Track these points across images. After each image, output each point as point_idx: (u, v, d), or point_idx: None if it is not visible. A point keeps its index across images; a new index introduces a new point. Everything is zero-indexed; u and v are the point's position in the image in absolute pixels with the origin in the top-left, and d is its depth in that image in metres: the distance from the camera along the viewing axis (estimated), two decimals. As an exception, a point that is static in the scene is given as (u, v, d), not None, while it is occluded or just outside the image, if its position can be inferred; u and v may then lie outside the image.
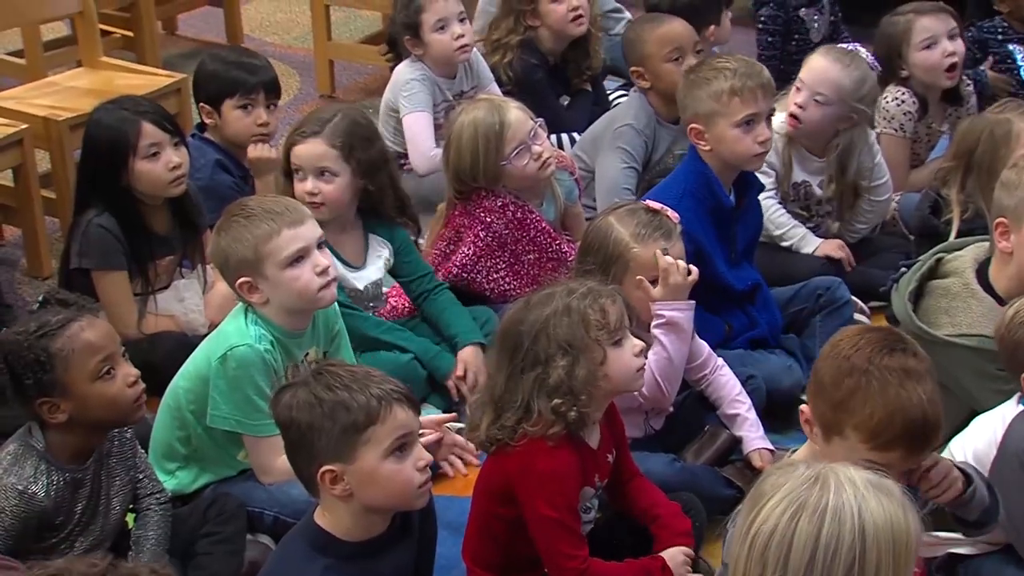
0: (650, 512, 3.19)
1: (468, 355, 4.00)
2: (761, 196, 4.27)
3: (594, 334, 2.97)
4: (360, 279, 4.01)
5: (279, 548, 2.78)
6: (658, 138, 4.68)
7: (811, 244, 4.42)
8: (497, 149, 4.18)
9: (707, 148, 3.88)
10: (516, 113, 4.24)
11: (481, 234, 4.24)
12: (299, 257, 3.34)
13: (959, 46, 4.75)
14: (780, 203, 4.46)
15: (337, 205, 3.94)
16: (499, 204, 4.24)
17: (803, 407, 2.70)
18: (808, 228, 4.49)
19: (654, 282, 3.45)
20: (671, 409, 3.61)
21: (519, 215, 4.26)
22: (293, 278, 3.33)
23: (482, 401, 3.10)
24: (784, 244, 4.40)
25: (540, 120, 4.36)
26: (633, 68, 4.67)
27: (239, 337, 3.34)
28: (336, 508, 2.67)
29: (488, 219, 4.23)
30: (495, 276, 4.28)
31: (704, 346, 3.69)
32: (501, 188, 4.24)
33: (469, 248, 4.26)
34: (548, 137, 4.94)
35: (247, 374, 3.30)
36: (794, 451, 2.83)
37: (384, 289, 4.15)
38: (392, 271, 4.16)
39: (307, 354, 3.48)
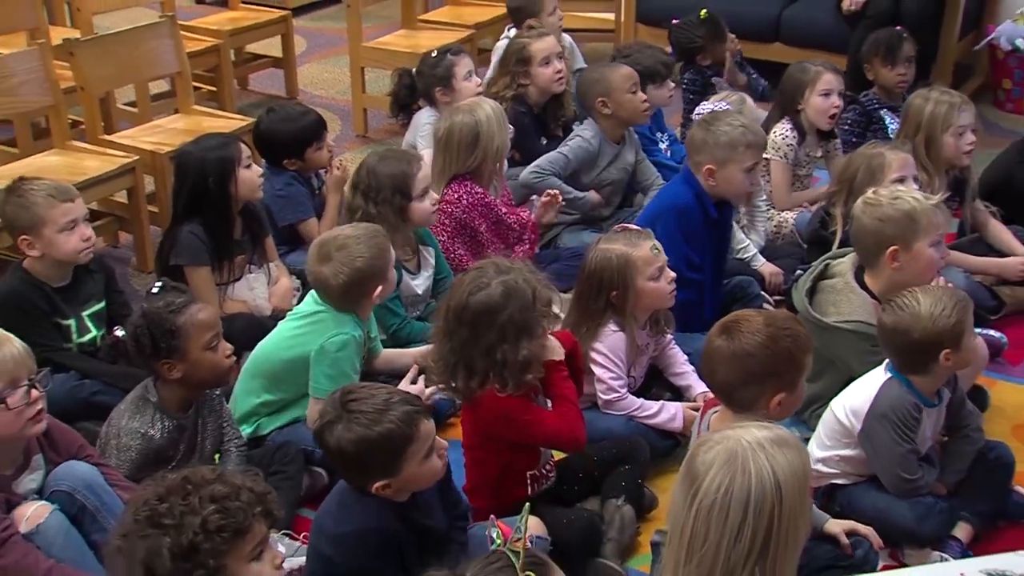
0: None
1: None
2: None
3: (539, 312, 2.95)
4: (419, 285, 4.01)
5: (337, 492, 2.74)
6: (602, 153, 4.65)
7: (760, 260, 4.39)
8: (505, 123, 4.32)
9: (712, 183, 3.85)
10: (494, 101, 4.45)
11: (446, 222, 4.22)
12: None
13: (841, 102, 4.76)
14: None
15: None
16: (455, 195, 4.22)
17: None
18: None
19: (657, 274, 3.44)
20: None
21: (472, 200, 4.23)
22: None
23: (451, 360, 2.97)
24: (737, 255, 4.33)
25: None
26: (599, 99, 4.59)
27: (339, 327, 3.37)
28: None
29: (448, 209, 4.21)
30: (463, 252, 4.24)
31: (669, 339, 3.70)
32: (458, 182, 4.23)
33: (443, 235, 4.23)
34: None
35: (348, 355, 3.34)
36: (715, 412, 2.82)
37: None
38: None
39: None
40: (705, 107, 4.44)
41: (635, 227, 3.60)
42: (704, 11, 5.44)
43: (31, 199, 3.54)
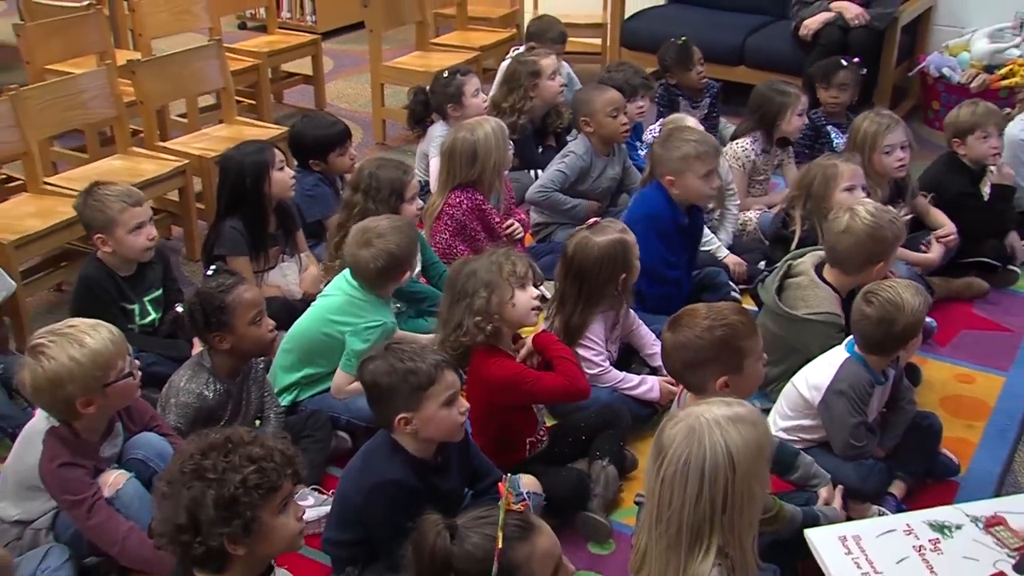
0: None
1: None
2: None
3: (505, 277, 2.97)
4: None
5: (369, 445, 2.73)
6: (593, 166, 4.58)
7: (723, 252, 4.35)
8: (506, 142, 4.25)
9: (676, 192, 3.81)
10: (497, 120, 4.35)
11: (448, 222, 4.17)
12: None
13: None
14: None
15: None
16: (458, 200, 4.17)
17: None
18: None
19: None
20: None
21: (471, 205, 4.18)
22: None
23: (441, 320, 3.12)
24: (703, 248, 4.27)
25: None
26: (583, 119, 4.56)
27: (374, 314, 3.35)
28: (404, 437, 2.62)
29: (451, 211, 4.17)
30: (462, 248, 4.18)
31: (633, 316, 3.65)
32: (462, 189, 4.17)
33: (446, 233, 4.18)
34: (527, 172, 4.92)
35: (378, 340, 3.28)
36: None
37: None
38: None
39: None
40: (654, 129, 4.41)
41: (604, 220, 3.56)
42: (683, 38, 5.41)
43: (106, 203, 3.53)
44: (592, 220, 3.57)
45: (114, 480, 2.73)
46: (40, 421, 2.76)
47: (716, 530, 2.06)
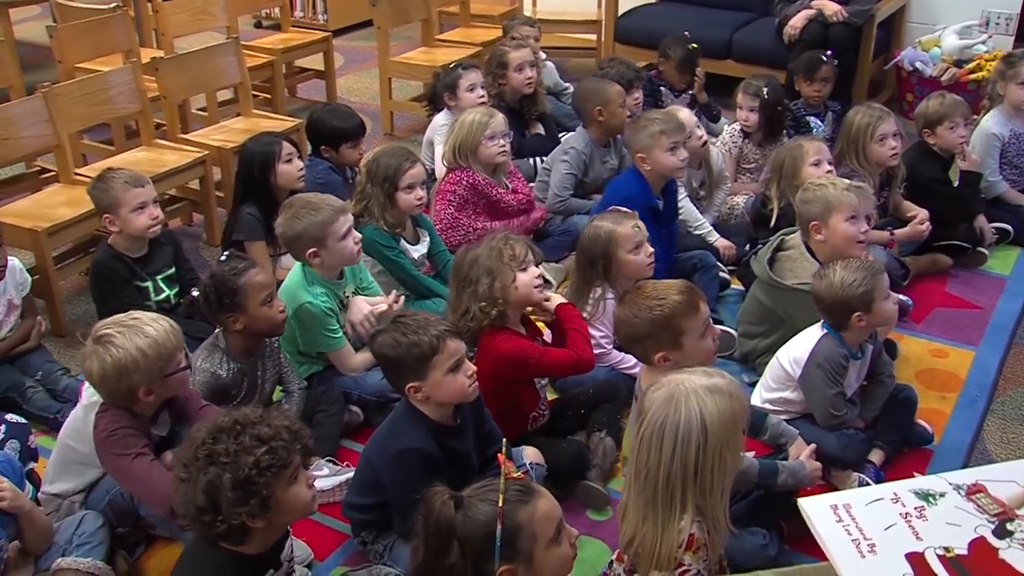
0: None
1: None
2: (681, 201, 4.20)
3: (506, 262, 2.93)
4: (416, 251, 3.87)
5: (394, 412, 2.69)
6: (594, 157, 4.51)
7: (714, 236, 4.29)
8: (481, 131, 4.14)
9: (648, 168, 3.78)
10: (500, 116, 4.23)
11: (451, 198, 4.14)
12: (347, 233, 3.30)
13: (752, 116, 4.66)
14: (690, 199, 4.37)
15: None
16: (457, 178, 4.15)
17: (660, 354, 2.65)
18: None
19: (635, 248, 3.35)
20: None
21: (471, 181, 4.14)
22: (340, 249, 3.29)
23: (449, 306, 3.06)
24: (695, 232, 4.25)
25: (511, 132, 4.32)
26: (596, 108, 4.45)
27: (303, 296, 3.26)
28: (421, 403, 2.60)
29: (452, 188, 4.15)
30: (465, 221, 4.14)
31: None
32: (465, 167, 4.14)
33: (447, 209, 4.14)
34: (527, 159, 4.85)
35: (313, 321, 3.25)
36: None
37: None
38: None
39: (346, 293, 3.42)
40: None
41: (623, 209, 3.51)
42: (694, 45, 5.24)
43: (111, 185, 3.52)
44: (613, 208, 3.53)
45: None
46: (88, 403, 2.71)
47: (690, 490, 2.07)
